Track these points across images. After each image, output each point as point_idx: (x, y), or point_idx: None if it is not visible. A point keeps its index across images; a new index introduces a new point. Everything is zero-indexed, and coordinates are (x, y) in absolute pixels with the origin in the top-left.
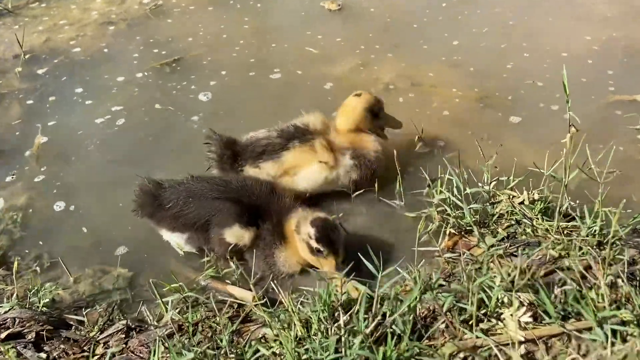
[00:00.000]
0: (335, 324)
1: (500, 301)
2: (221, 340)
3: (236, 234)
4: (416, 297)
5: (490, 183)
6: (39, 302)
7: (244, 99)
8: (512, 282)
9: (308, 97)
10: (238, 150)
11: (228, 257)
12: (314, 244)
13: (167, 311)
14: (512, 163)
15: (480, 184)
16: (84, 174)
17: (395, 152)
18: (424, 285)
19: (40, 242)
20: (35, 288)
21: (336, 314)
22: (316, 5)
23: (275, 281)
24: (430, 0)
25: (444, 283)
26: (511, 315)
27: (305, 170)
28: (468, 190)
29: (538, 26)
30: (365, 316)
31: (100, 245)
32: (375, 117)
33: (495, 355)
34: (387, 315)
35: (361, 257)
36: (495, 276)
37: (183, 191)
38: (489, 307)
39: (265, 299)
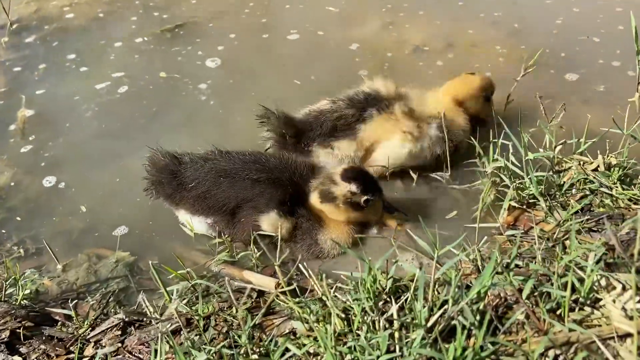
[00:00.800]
0: (384, 316)
1: (596, 284)
2: (240, 337)
3: (273, 223)
4: (488, 281)
5: (555, 147)
6: (18, 294)
7: (258, 63)
8: (606, 262)
9: (332, 60)
10: (300, 129)
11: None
12: (363, 197)
13: (171, 302)
14: (575, 125)
15: (541, 149)
16: (78, 146)
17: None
18: (494, 266)
19: (26, 223)
20: (13, 277)
21: (382, 304)
22: None
23: (303, 263)
24: None
25: (520, 264)
26: (613, 301)
27: (385, 143)
28: (530, 156)
29: None
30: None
31: (96, 225)
32: (487, 101)
33: (599, 350)
34: (450, 304)
35: (410, 233)
36: (588, 252)
37: (212, 169)
38: (582, 292)
39: (294, 286)
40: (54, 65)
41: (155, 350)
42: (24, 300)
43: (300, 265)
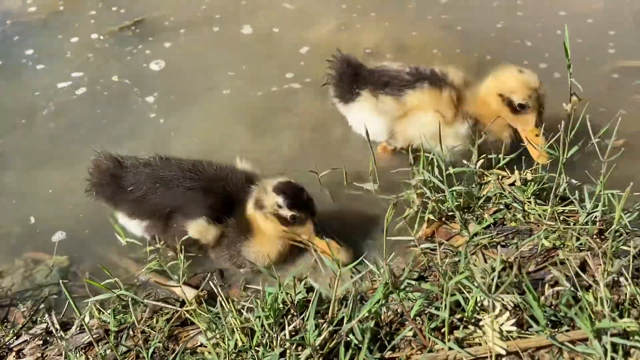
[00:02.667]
0: (283, 332)
1: (479, 304)
2: (148, 351)
3: (200, 229)
4: (379, 300)
5: (478, 161)
6: None
7: (206, 62)
8: (496, 279)
9: (282, 60)
10: (361, 74)
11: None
12: (287, 212)
13: (94, 313)
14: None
15: (465, 162)
16: (21, 148)
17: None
18: (391, 283)
19: None
20: None
21: (290, 318)
22: None
23: (215, 278)
24: None
25: (412, 282)
26: (491, 322)
27: (419, 113)
28: (450, 170)
29: None
30: (322, 320)
31: (35, 230)
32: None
33: None
34: (345, 321)
35: (314, 252)
36: (473, 274)
37: (150, 175)
38: (466, 312)
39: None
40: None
41: None
42: None
43: (214, 277)
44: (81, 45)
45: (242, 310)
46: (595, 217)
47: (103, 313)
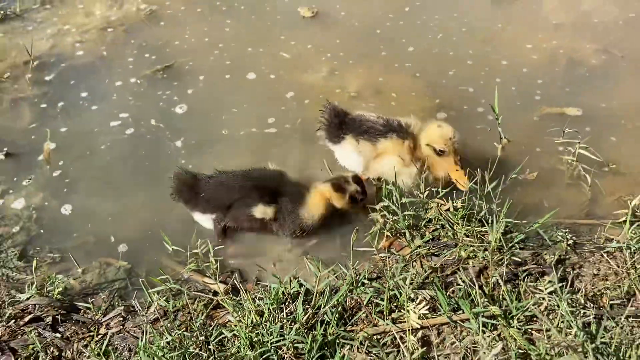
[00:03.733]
0: (282, 313)
1: (408, 296)
2: (195, 324)
3: (261, 210)
4: (343, 293)
5: (424, 192)
6: (54, 291)
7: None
8: (423, 279)
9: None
10: (346, 122)
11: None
12: (360, 197)
13: (152, 301)
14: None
15: (416, 192)
16: (92, 178)
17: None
18: (353, 282)
19: (53, 239)
20: (51, 279)
21: (283, 306)
22: (293, 10)
23: (239, 276)
24: (397, 4)
25: (366, 282)
26: (413, 308)
27: (387, 157)
28: (404, 200)
29: (489, 33)
30: (307, 306)
31: (105, 242)
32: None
33: (400, 337)
34: (322, 306)
35: (305, 259)
36: (406, 276)
37: (214, 181)
38: (400, 301)
39: (237, 288)
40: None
41: (145, 331)
42: (58, 295)
43: (235, 281)
44: (123, 88)
45: (255, 299)
46: (498, 237)
47: (160, 300)
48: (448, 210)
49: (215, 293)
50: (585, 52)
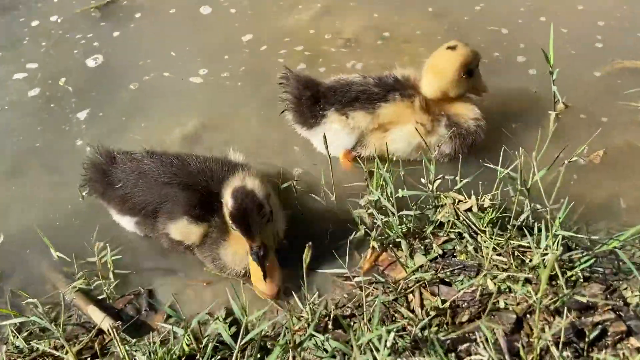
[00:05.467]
0: None
1: None
2: None
3: (182, 230)
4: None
5: (435, 181)
6: None
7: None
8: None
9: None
10: (322, 92)
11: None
12: (229, 220)
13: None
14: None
15: (423, 180)
16: None
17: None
18: (291, 340)
19: None
20: None
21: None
22: None
23: (146, 300)
24: None
25: (317, 335)
26: None
27: (400, 128)
28: (401, 193)
29: None
30: None
31: None
32: (469, 75)
33: None
34: None
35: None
36: (389, 330)
37: (134, 170)
38: None
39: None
40: None
41: None
42: None
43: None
44: (40, 29)
45: (136, 358)
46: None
47: (18, 338)
48: (470, 210)
49: (101, 331)
50: None
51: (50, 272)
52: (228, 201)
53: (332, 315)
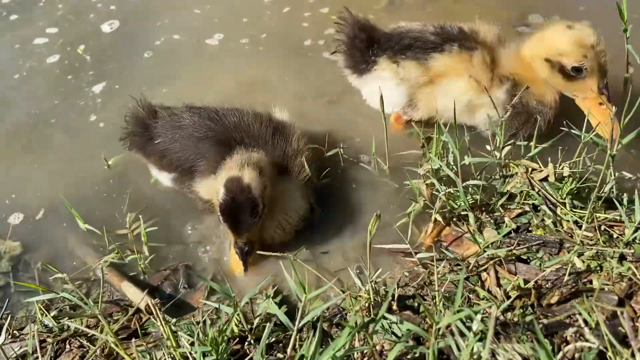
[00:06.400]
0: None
1: (477, 356)
2: None
3: (209, 189)
4: (344, 345)
5: (503, 148)
6: None
7: None
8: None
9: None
10: (376, 37)
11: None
12: (217, 209)
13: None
14: None
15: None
16: None
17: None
18: (361, 321)
19: None
20: None
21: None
22: None
23: (185, 278)
24: None
25: (389, 316)
26: None
27: (450, 81)
28: (466, 160)
29: None
30: (281, 356)
31: None
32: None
33: None
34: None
35: (283, 268)
36: (475, 311)
37: (173, 124)
38: None
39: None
40: None
41: None
42: None
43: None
44: None
45: (180, 339)
46: None
47: (47, 316)
48: (545, 179)
49: (139, 309)
50: None
51: (79, 246)
52: (219, 190)
53: (396, 295)
